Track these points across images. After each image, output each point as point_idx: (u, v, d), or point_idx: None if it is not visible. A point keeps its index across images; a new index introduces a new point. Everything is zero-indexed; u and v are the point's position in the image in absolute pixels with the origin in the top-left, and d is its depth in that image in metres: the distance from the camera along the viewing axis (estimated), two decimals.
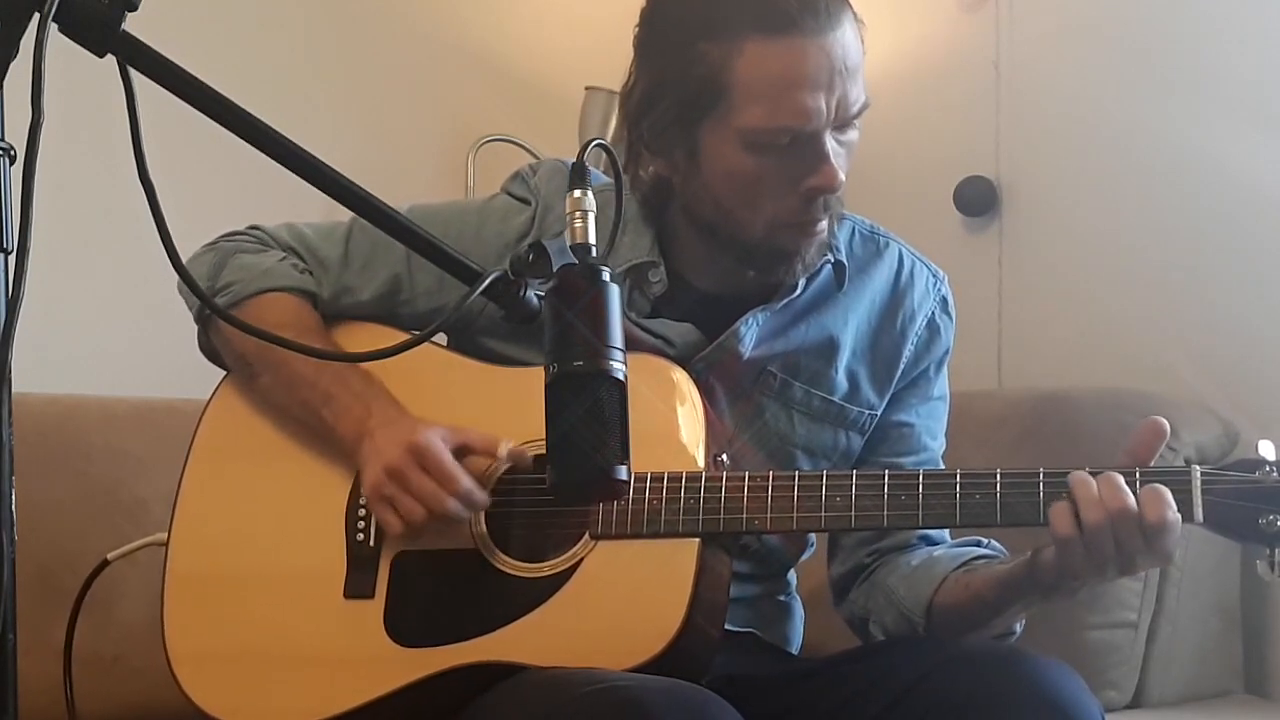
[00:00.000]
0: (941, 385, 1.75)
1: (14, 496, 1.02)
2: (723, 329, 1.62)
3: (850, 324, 1.68)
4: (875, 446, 1.70)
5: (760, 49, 1.48)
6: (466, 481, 1.51)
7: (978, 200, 2.87)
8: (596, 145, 1.25)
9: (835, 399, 1.67)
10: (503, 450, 1.53)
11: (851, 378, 1.68)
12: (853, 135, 1.55)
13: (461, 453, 1.53)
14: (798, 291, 1.64)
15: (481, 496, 1.51)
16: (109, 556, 1.71)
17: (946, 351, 1.75)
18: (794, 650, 1.75)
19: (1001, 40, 2.84)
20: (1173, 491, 1.37)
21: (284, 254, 1.71)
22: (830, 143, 1.51)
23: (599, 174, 1.57)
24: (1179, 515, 1.38)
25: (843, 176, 1.53)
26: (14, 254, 0.98)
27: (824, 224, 1.57)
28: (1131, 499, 1.37)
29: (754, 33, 1.48)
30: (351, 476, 1.60)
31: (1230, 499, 1.37)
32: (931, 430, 1.73)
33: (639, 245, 1.63)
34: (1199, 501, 1.37)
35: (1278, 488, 1.36)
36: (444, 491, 1.50)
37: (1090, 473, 1.40)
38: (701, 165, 1.56)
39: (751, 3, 1.49)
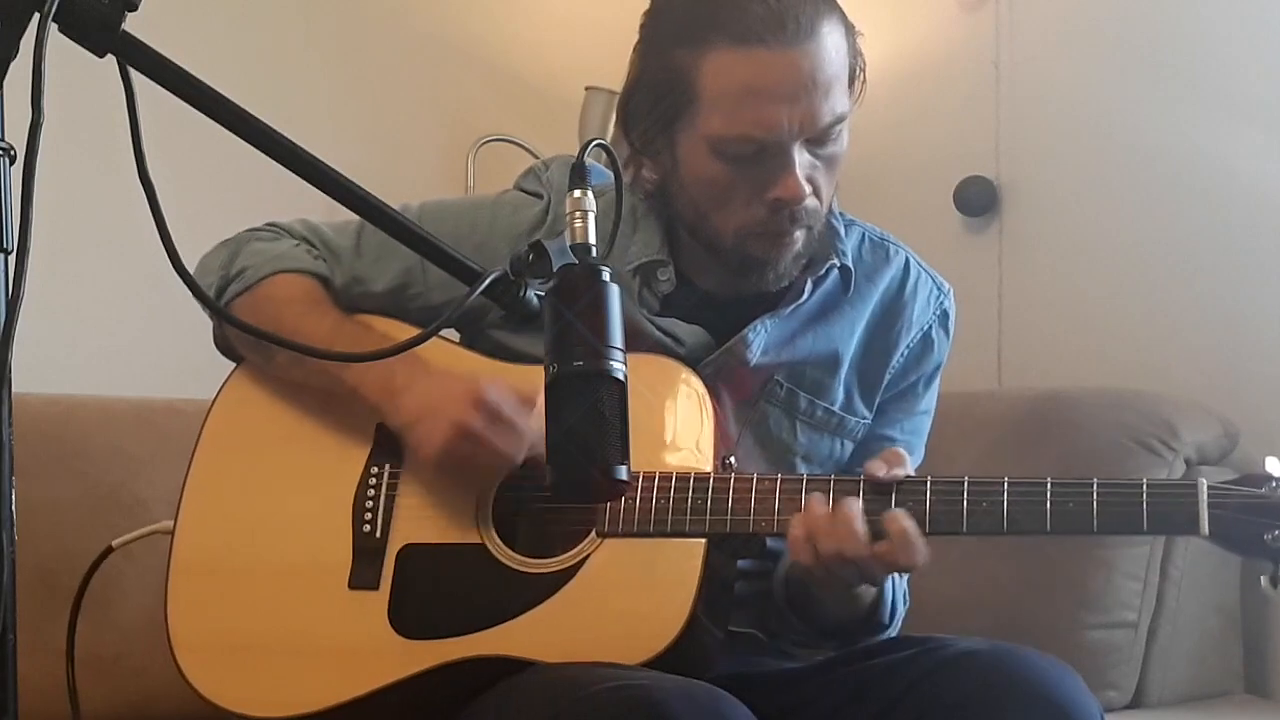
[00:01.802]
0: (929, 400, 1.75)
1: (14, 496, 1.02)
2: (730, 333, 1.63)
3: (854, 335, 1.69)
4: (854, 457, 1.71)
5: (725, 58, 1.49)
6: (524, 425, 1.50)
7: (978, 200, 2.87)
8: (596, 145, 1.25)
9: (836, 410, 1.68)
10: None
11: (848, 388, 1.69)
12: (833, 149, 1.55)
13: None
14: (804, 297, 1.64)
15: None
16: (114, 544, 1.71)
17: (938, 367, 1.74)
18: (787, 647, 1.75)
19: (1001, 40, 2.85)
20: (1180, 504, 1.37)
21: (298, 241, 1.73)
22: (800, 155, 1.51)
23: (603, 171, 1.57)
24: (919, 556, 1.40)
25: (808, 189, 1.52)
26: (14, 254, 0.98)
27: (797, 234, 1.57)
28: (855, 546, 1.40)
29: (722, 41, 1.49)
30: (360, 466, 1.61)
31: (1236, 513, 1.36)
32: (911, 446, 1.72)
33: (650, 244, 1.64)
34: (1205, 516, 1.36)
35: None
36: (520, 445, 1.50)
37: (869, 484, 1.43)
38: (679, 167, 1.57)
39: (724, 12, 1.49)
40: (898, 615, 1.64)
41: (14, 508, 1.02)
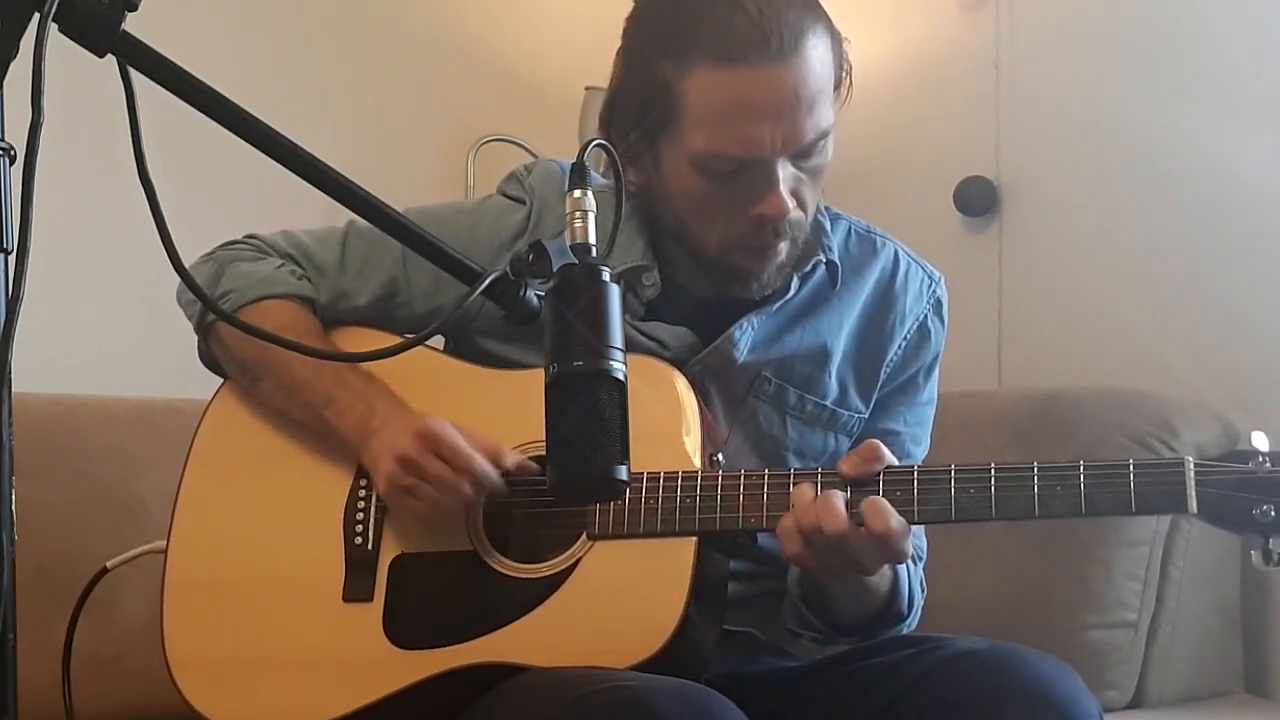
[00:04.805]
0: (930, 390, 1.75)
1: (14, 497, 1.02)
2: (718, 333, 1.62)
3: (844, 329, 1.68)
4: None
5: (708, 76, 1.48)
6: (480, 462, 1.50)
7: (978, 200, 2.87)
8: (596, 145, 1.25)
9: (828, 404, 1.67)
10: (509, 461, 1.52)
11: (841, 382, 1.68)
12: (818, 161, 1.53)
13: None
14: (791, 293, 1.64)
15: (495, 478, 1.51)
16: (108, 564, 1.71)
17: (936, 356, 1.74)
18: (793, 650, 1.75)
19: (1001, 40, 2.85)
20: (1167, 483, 1.37)
21: (281, 261, 1.71)
22: (784, 170, 1.50)
23: (596, 175, 1.57)
24: (901, 522, 1.41)
25: (792, 204, 1.51)
26: (14, 254, 0.98)
27: (781, 246, 1.56)
28: (833, 521, 1.40)
29: (705, 58, 1.47)
30: (350, 479, 1.61)
31: (1224, 490, 1.36)
32: (916, 437, 1.73)
33: (632, 249, 1.63)
34: (1193, 493, 1.37)
35: (1271, 478, 1.35)
36: (459, 475, 1.50)
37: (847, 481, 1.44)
38: (662, 179, 1.57)
39: (708, 27, 1.48)
40: (916, 604, 1.63)
41: (14, 508, 1.02)
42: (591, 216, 1.18)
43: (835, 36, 1.53)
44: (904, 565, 1.56)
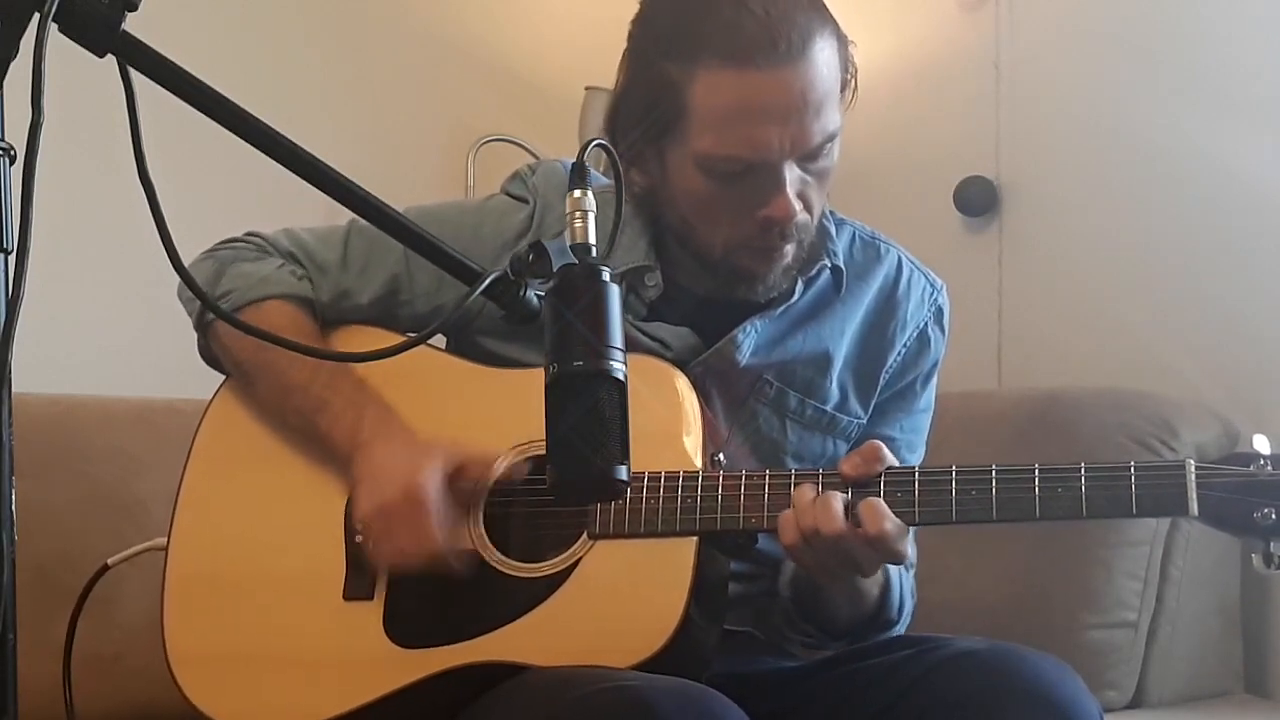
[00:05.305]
0: (928, 398, 1.75)
1: (14, 497, 1.02)
2: (720, 335, 1.62)
3: (846, 334, 1.68)
4: None
5: (715, 78, 1.47)
6: (443, 547, 1.50)
7: (978, 200, 2.87)
8: (597, 145, 1.24)
9: (828, 409, 1.68)
10: (499, 466, 1.53)
11: (842, 387, 1.69)
12: (824, 164, 1.53)
13: (458, 475, 1.53)
14: (795, 297, 1.64)
15: (457, 564, 1.51)
16: (109, 561, 1.71)
17: (935, 364, 1.74)
18: (793, 650, 1.75)
19: (1001, 40, 2.85)
20: (1168, 486, 1.37)
21: (282, 260, 1.71)
22: (791, 173, 1.50)
23: (598, 175, 1.57)
24: (896, 524, 1.40)
25: (799, 206, 1.51)
26: (14, 254, 0.98)
27: (787, 249, 1.56)
28: (830, 522, 1.40)
29: (712, 60, 1.47)
30: (349, 481, 1.61)
31: (1225, 493, 1.36)
32: (912, 444, 1.73)
33: (635, 249, 1.63)
34: (1194, 496, 1.36)
35: (1272, 481, 1.35)
36: (423, 550, 1.50)
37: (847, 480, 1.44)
38: (668, 180, 1.57)
39: (715, 28, 1.47)
40: (905, 610, 1.63)
41: (14, 508, 1.02)
42: (591, 216, 1.18)
43: (841, 39, 1.53)
44: (896, 571, 1.56)
